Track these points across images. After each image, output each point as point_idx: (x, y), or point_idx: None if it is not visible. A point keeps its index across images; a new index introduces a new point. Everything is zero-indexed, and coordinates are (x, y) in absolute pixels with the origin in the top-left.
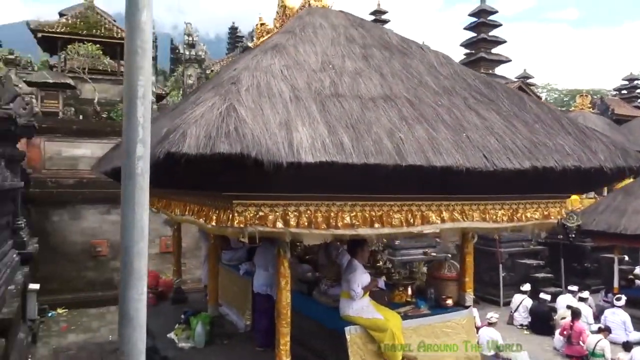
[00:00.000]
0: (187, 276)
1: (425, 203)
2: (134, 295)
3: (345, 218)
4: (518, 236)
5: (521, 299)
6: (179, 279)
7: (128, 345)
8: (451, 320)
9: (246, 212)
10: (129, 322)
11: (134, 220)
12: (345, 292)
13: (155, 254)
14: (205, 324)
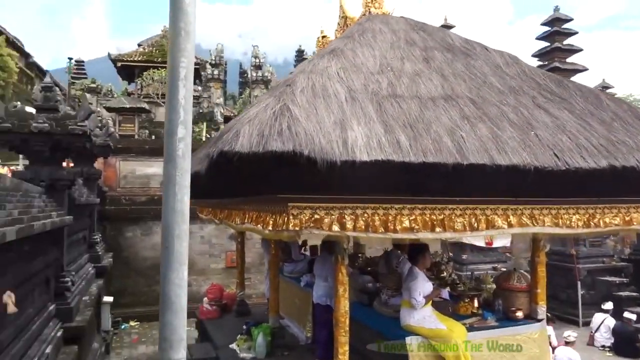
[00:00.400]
0: (251, 291)
1: (491, 207)
2: (174, 279)
3: (404, 221)
4: (598, 252)
5: (603, 318)
6: (242, 291)
7: (168, 330)
8: (522, 334)
9: (301, 215)
10: (170, 307)
11: (174, 203)
12: (406, 300)
13: (222, 268)
14: (266, 334)
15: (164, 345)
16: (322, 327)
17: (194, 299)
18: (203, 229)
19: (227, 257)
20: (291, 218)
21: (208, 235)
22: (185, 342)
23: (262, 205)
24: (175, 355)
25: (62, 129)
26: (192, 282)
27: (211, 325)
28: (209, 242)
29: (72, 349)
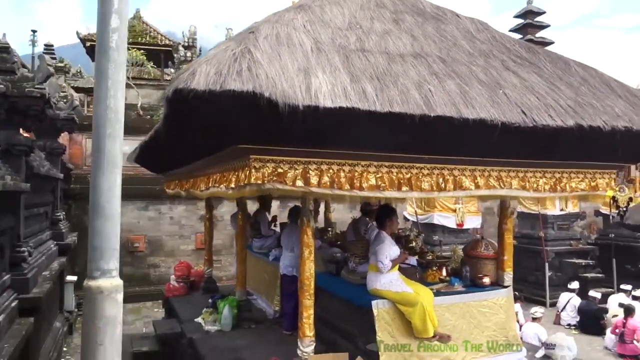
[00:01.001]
0: (221, 273)
1: (458, 167)
2: (105, 184)
3: (371, 179)
4: (566, 235)
5: (569, 297)
6: (211, 268)
7: (98, 238)
8: (488, 300)
9: (264, 168)
10: (100, 213)
11: (107, 99)
12: (373, 265)
13: (192, 250)
14: (232, 307)
15: (94, 254)
16: (289, 299)
17: (163, 280)
18: (172, 210)
19: (197, 239)
20: (253, 171)
21: (178, 216)
22: (117, 252)
23: (224, 165)
24: (106, 265)
25: (19, 91)
26: (160, 263)
27: (178, 302)
28: (179, 224)
29: (27, 320)
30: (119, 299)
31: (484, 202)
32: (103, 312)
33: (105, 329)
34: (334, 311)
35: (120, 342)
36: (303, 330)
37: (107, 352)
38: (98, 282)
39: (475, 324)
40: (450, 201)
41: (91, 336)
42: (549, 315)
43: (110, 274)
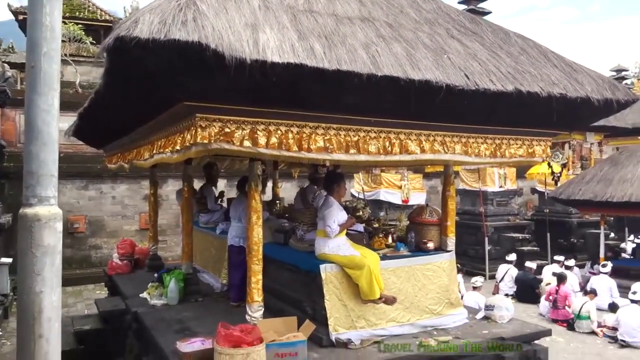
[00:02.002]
0: (167, 253)
1: (405, 131)
2: (41, 105)
3: (319, 141)
4: (504, 211)
5: (507, 268)
6: (156, 245)
7: (35, 163)
8: (432, 263)
9: (210, 127)
10: (36, 137)
11: (42, 16)
12: (321, 230)
13: (135, 230)
14: (178, 280)
15: (30, 180)
16: (236, 269)
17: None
18: (114, 189)
19: (142, 219)
20: (199, 131)
21: (120, 195)
22: (56, 180)
23: (169, 128)
24: (44, 192)
25: None
26: (102, 244)
27: (121, 280)
28: (122, 203)
29: None
30: (59, 228)
31: (428, 181)
32: (41, 240)
33: (43, 259)
34: (282, 280)
35: (60, 272)
36: (251, 295)
37: (47, 282)
38: (35, 209)
39: (420, 286)
40: (396, 178)
41: (27, 266)
42: (488, 286)
43: (49, 201)
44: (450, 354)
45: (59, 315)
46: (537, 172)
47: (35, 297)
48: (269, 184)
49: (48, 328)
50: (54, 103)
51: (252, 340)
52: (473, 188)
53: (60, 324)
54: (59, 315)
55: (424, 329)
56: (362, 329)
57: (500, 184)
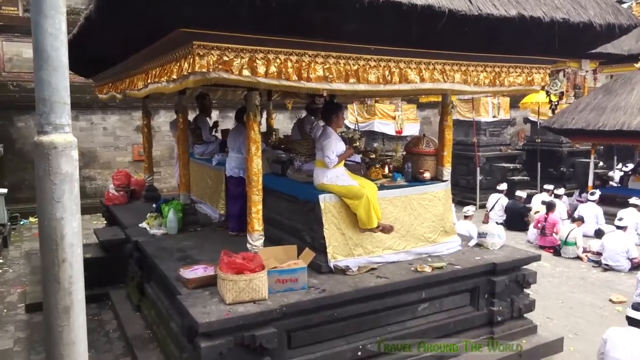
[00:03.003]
0: (161, 185)
1: (404, 59)
2: (48, 29)
3: (318, 70)
4: (497, 141)
5: (497, 198)
6: (152, 176)
7: (47, 90)
8: (428, 193)
9: (208, 55)
10: (46, 62)
11: None
12: (319, 160)
13: (129, 162)
14: (177, 211)
15: (43, 108)
16: (235, 200)
17: (100, 194)
18: (106, 120)
19: (134, 150)
20: (197, 59)
21: (112, 126)
22: (69, 107)
23: (165, 56)
24: (58, 120)
25: None
26: (96, 175)
27: (119, 211)
28: (114, 134)
29: None
30: (75, 156)
31: (421, 111)
32: (58, 168)
33: (62, 186)
34: (280, 210)
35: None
36: (252, 224)
37: (67, 209)
38: (50, 137)
39: (416, 215)
40: (390, 108)
41: (47, 194)
42: (479, 216)
43: (63, 129)
44: (444, 277)
45: (80, 241)
46: (530, 101)
47: (57, 224)
48: (263, 115)
49: (71, 253)
50: (61, 27)
51: (254, 267)
52: (466, 118)
53: (81, 249)
54: (80, 241)
55: (419, 256)
56: (359, 257)
57: (493, 114)
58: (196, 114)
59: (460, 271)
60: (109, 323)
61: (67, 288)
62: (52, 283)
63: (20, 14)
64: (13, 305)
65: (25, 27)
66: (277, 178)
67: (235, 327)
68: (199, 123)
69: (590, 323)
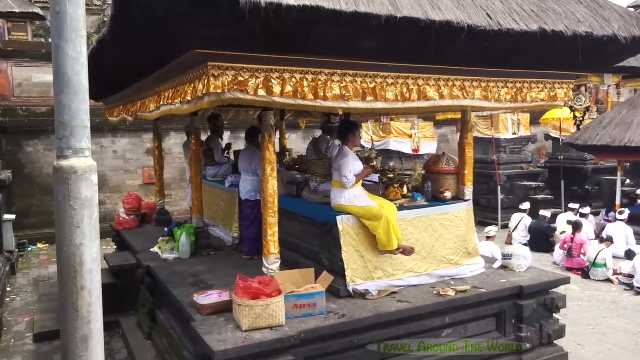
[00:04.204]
0: (172, 208)
1: (423, 76)
2: (69, 52)
3: (335, 89)
4: (517, 158)
5: (520, 217)
6: (163, 199)
7: (67, 114)
8: (449, 213)
9: (223, 76)
10: (67, 85)
11: None
12: (336, 181)
13: (139, 185)
14: (189, 234)
15: (63, 132)
16: (250, 224)
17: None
18: (115, 143)
19: (145, 173)
20: (212, 80)
21: (122, 150)
22: (89, 131)
23: (178, 78)
24: (78, 144)
25: None
26: (106, 200)
27: (130, 235)
28: (124, 158)
29: None
30: (94, 181)
31: (438, 129)
32: (78, 193)
33: (82, 212)
34: (296, 232)
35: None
36: (268, 248)
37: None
38: (70, 161)
39: (437, 236)
40: (407, 126)
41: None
42: (502, 236)
43: (83, 153)
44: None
45: (99, 267)
46: (552, 117)
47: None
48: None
49: (90, 280)
50: (82, 50)
51: (271, 291)
52: (485, 135)
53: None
54: (99, 267)
55: (441, 279)
56: (379, 280)
57: (513, 131)
58: (208, 136)
59: (485, 295)
60: (119, 352)
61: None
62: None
63: (29, 39)
64: (21, 335)
65: (34, 52)
66: (293, 199)
67: (252, 355)
68: (212, 144)
69: (625, 350)
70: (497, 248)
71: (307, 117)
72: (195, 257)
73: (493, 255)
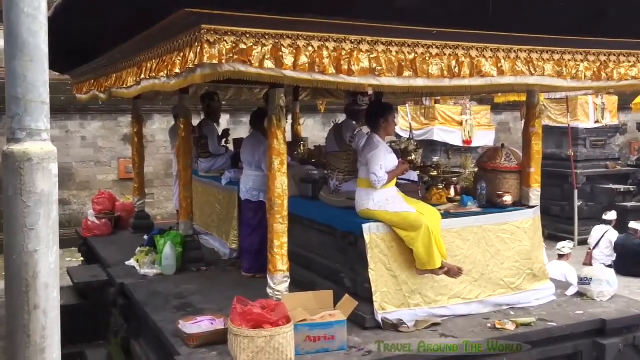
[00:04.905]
0: (155, 210)
1: (477, 46)
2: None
3: (363, 60)
4: (601, 154)
5: (603, 231)
6: (142, 199)
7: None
8: (509, 223)
9: (221, 43)
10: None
11: None
12: (363, 179)
13: (114, 181)
14: (175, 244)
15: (15, 109)
16: (251, 232)
17: (76, 222)
18: (85, 127)
19: (121, 166)
20: (206, 47)
21: (92, 135)
22: (48, 108)
23: (164, 45)
24: (34, 124)
25: None
26: (71, 199)
27: (100, 244)
28: (94, 146)
29: None
30: (54, 171)
31: (497, 115)
32: (33, 186)
33: (37, 210)
34: (311, 244)
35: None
36: (274, 263)
37: (42, 239)
38: (24, 146)
39: (493, 253)
40: (456, 111)
41: (17, 219)
42: (578, 255)
43: (40, 136)
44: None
45: (57, 281)
46: None
47: (29, 258)
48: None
49: (45, 297)
50: (40, 5)
51: (277, 319)
52: (559, 124)
53: (59, 293)
54: (57, 281)
55: (497, 308)
56: (416, 307)
57: (596, 119)
58: (201, 119)
59: (556, 330)
60: None
61: (39, 343)
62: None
63: None
64: None
65: None
66: (307, 202)
67: None
68: (205, 131)
69: None
70: (572, 269)
71: (327, 98)
72: (182, 274)
73: (566, 278)
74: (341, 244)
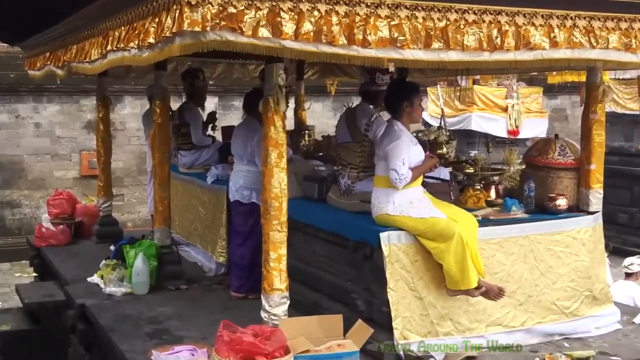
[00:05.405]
0: (125, 216)
1: (524, 11)
2: None
3: (381, 29)
4: None
5: None
6: (109, 201)
7: None
8: (564, 233)
9: (205, 5)
10: None
11: None
12: (381, 177)
13: (74, 178)
14: (149, 257)
15: None
16: (243, 242)
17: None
18: (39, 111)
19: (83, 160)
20: (187, 11)
21: (48, 122)
22: None
23: (136, 8)
24: None
25: None
26: (21, 200)
27: (57, 256)
28: (51, 135)
29: None
30: None
31: (550, 99)
32: None
33: None
34: (316, 257)
35: None
36: (270, 280)
37: None
38: None
39: (543, 270)
40: (499, 94)
41: None
42: None
43: None
44: None
45: None
46: None
47: None
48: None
49: None
50: None
51: (272, 349)
52: (629, 111)
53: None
54: None
55: (548, 338)
56: (447, 336)
57: None
58: (182, 103)
59: None
60: None
61: None
62: None
63: None
64: None
65: None
66: (312, 205)
67: None
68: (187, 116)
69: None
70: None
71: (338, 76)
72: (157, 293)
73: (635, 302)
74: (353, 257)
